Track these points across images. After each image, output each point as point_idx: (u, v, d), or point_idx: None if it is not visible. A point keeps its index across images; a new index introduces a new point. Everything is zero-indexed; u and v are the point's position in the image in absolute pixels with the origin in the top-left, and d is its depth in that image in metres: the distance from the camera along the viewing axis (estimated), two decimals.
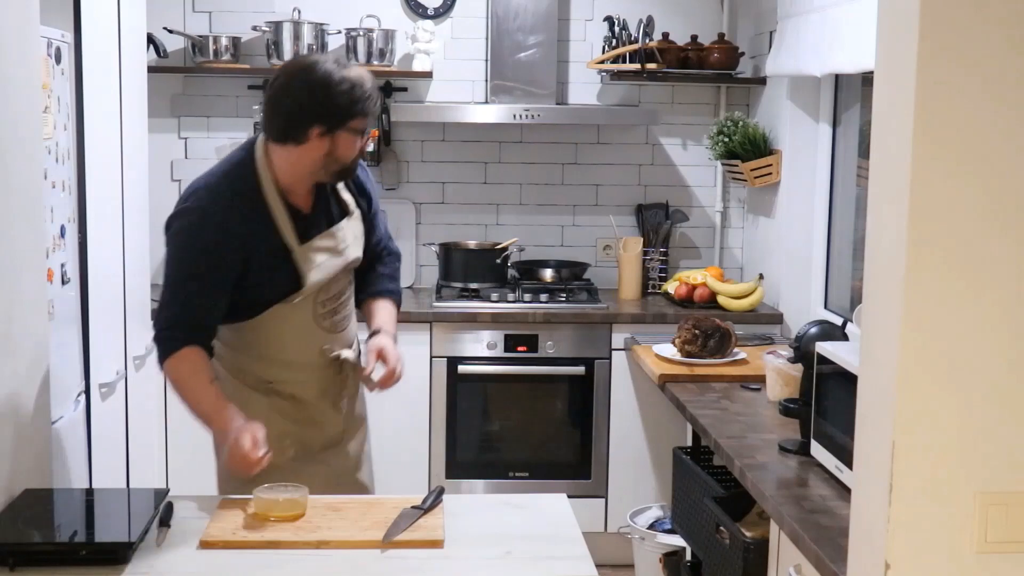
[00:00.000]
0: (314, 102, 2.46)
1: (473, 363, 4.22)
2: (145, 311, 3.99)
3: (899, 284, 1.58)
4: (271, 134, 2.54)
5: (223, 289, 2.53)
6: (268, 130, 2.54)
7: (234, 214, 2.51)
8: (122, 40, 3.55)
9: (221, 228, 2.49)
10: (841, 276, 4.15)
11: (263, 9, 4.57)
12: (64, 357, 3.02)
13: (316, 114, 2.46)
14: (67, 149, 3.07)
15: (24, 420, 2.30)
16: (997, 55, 1.55)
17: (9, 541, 2.01)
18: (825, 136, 4.22)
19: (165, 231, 2.57)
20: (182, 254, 2.53)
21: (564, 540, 2.17)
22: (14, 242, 2.28)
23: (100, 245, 3.30)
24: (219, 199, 2.51)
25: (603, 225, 4.80)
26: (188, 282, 2.51)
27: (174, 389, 2.54)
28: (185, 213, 2.53)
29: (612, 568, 4.14)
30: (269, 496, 2.21)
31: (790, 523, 2.22)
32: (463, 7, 4.67)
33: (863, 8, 3.32)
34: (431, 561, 2.06)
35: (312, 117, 2.46)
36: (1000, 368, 1.60)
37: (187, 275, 2.51)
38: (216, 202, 2.51)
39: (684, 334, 3.59)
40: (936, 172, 1.56)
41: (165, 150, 4.61)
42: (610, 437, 4.27)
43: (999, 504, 1.63)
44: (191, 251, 2.51)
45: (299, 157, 2.51)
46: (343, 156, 2.53)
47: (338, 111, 2.46)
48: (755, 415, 3.03)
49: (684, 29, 4.63)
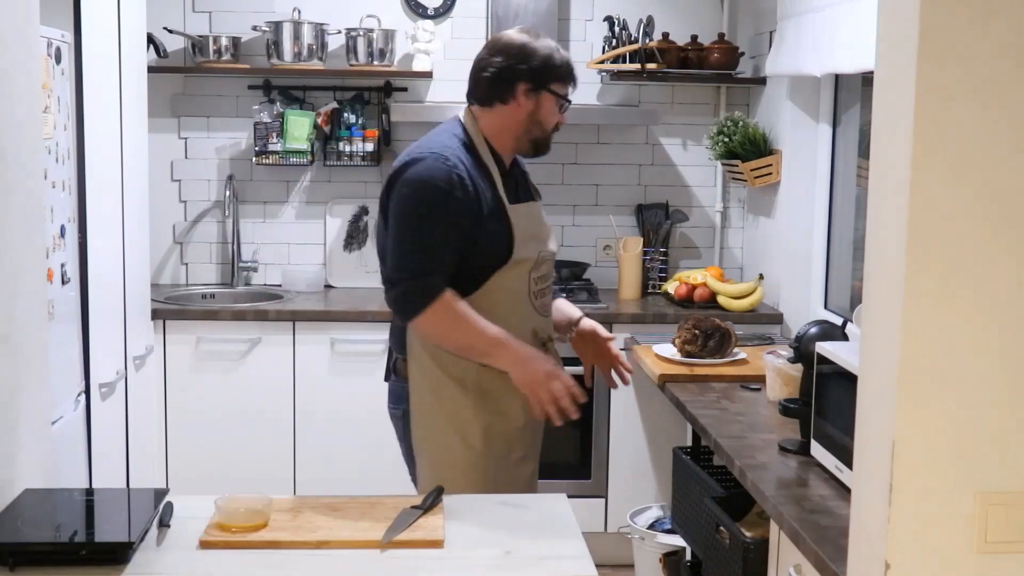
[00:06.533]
0: (521, 61, 2.66)
1: None
2: (145, 311, 3.99)
3: (899, 284, 1.58)
4: (478, 99, 2.71)
5: (462, 236, 2.58)
6: (475, 95, 2.72)
7: (464, 164, 2.61)
8: (122, 40, 3.56)
9: (458, 174, 2.58)
10: (841, 276, 4.15)
11: (263, 9, 4.58)
12: (64, 357, 3.02)
13: (523, 72, 2.66)
14: (67, 149, 3.07)
15: (24, 420, 2.30)
16: (997, 56, 1.55)
17: (9, 541, 2.01)
18: (825, 136, 4.22)
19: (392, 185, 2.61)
20: (425, 200, 2.56)
21: (564, 540, 2.17)
22: (14, 242, 2.28)
23: (100, 245, 3.31)
24: (450, 151, 2.61)
25: (603, 225, 4.80)
26: (434, 228, 2.56)
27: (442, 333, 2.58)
28: (421, 162, 2.59)
29: (612, 568, 4.14)
30: (230, 507, 2.16)
31: (790, 523, 2.22)
32: (463, 7, 4.67)
33: (863, 8, 3.32)
34: (431, 561, 2.06)
35: (519, 75, 2.66)
36: (1000, 368, 1.60)
37: (431, 221, 2.56)
38: (449, 152, 2.61)
39: (684, 334, 3.59)
40: (936, 173, 1.56)
41: (165, 150, 4.61)
42: (610, 437, 4.27)
43: (999, 504, 1.63)
44: (434, 196, 2.56)
45: (507, 117, 2.69)
46: (546, 120, 2.72)
47: (543, 69, 2.67)
48: (755, 415, 3.03)
49: (684, 29, 4.63)
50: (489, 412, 2.67)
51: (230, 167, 4.67)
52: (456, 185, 2.57)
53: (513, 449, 2.72)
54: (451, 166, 2.58)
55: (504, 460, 2.70)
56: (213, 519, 2.16)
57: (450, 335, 2.59)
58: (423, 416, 2.68)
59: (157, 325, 4.13)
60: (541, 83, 2.68)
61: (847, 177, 4.11)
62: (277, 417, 4.21)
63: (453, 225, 2.57)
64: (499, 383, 2.65)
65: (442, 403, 2.65)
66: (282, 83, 4.60)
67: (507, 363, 2.59)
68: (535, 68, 2.67)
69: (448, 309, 2.55)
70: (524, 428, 2.73)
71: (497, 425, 2.68)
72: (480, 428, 2.66)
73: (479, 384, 2.66)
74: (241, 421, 4.21)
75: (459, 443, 2.65)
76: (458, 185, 2.57)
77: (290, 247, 4.76)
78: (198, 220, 4.71)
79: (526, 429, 2.74)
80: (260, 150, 4.53)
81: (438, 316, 2.55)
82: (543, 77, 2.68)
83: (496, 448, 2.68)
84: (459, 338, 2.58)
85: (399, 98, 4.67)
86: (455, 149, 2.63)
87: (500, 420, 2.68)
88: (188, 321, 4.16)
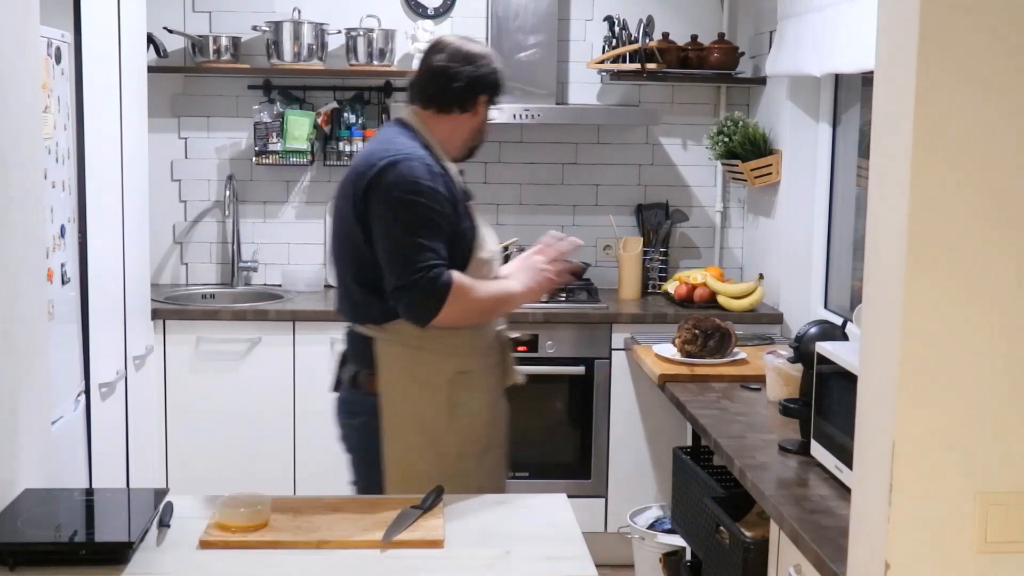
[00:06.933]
0: (489, 72, 2.76)
1: None
2: (145, 311, 3.99)
3: (899, 284, 1.58)
4: (437, 104, 2.75)
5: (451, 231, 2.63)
6: (434, 101, 2.75)
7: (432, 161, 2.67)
8: (122, 40, 3.56)
9: (438, 172, 2.64)
10: (841, 276, 4.15)
11: (263, 9, 4.57)
12: (64, 357, 3.02)
13: (488, 84, 2.77)
14: (67, 149, 3.07)
15: (24, 420, 2.30)
16: (997, 56, 1.55)
17: (9, 541, 2.01)
18: (825, 136, 4.22)
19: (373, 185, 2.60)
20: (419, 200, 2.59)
21: (564, 540, 2.17)
22: (14, 242, 2.28)
23: (100, 245, 3.31)
24: (418, 149, 2.66)
25: (603, 225, 4.80)
26: (431, 224, 2.59)
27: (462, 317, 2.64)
28: (400, 163, 2.61)
29: (612, 568, 4.14)
30: (230, 507, 2.16)
31: (790, 523, 2.22)
32: (463, 7, 4.67)
33: (863, 8, 3.32)
34: (431, 561, 2.06)
35: (486, 86, 2.76)
36: (1000, 368, 1.60)
37: (428, 219, 2.59)
38: (417, 150, 2.66)
39: (684, 334, 3.59)
40: (936, 172, 1.56)
41: (165, 150, 4.60)
42: (610, 437, 4.27)
43: (999, 504, 1.63)
44: (426, 194, 2.59)
45: (462, 124, 2.77)
46: (486, 128, 2.85)
47: (499, 82, 2.80)
48: (755, 415, 3.03)
49: (684, 29, 4.63)
50: (462, 419, 2.71)
51: (230, 167, 4.67)
52: (439, 183, 2.62)
53: (483, 447, 2.78)
54: (429, 165, 2.63)
55: (474, 459, 2.75)
56: (213, 519, 2.16)
57: (470, 314, 2.68)
58: (395, 428, 2.69)
59: (157, 325, 4.13)
60: (495, 94, 2.80)
61: (847, 177, 4.11)
62: (277, 417, 4.21)
63: (444, 218, 2.62)
64: (469, 388, 2.72)
65: (416, 415, 2.68)
66: (282, 83, 4.60)
67: (524, 299, 2.82)
68: (496, 81, 2.79)
69: (461, 293, 2.61)
70: (491, 423, 2.80)
71: (469, 430, 2.73)
72: (455, 437, 2.70)
73: (451, 394, 2.69)
74: (241, 421, 4.21)
75: (431, 452, 2.68)
76: (440, 183, 2.62)
77: (290, 247, 4.76)
78: (198, 220, 4.71)
79: (493, 424, 2.81)
80: (260, 150, 4.53)
81: (455, 304, 2.60)
82: (498, 89, 2.80)
83: (467, 452, 2.73)
84: (478, 311, 2.70)
85: (399, 98, 4.67)
86: (421, 150, 2.67)
87: (471, 424, 2.73)
88: (188, 321, 4.16)
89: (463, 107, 2.75)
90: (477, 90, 2.75)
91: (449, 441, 2.70)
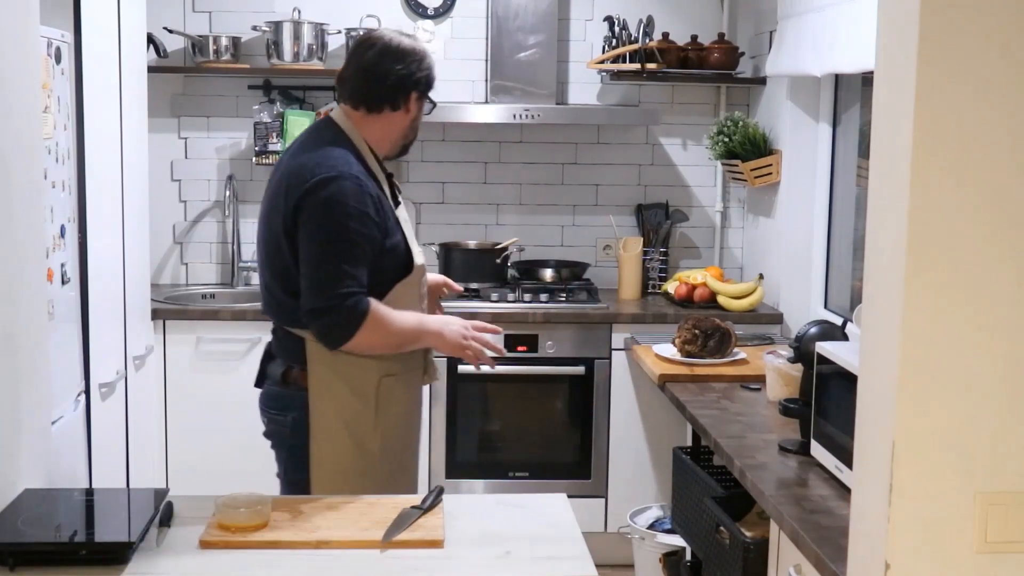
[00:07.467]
0: (419, 68, 2.69)
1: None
2: (145, 311, 3.99)
3: (899, 284, 1.58)
4: (367, 104, 2.68)
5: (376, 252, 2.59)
6: (364, 100, 2.68)
7: (363, 176, 2.60)
8: (122, 40, 3.56)
9: (368, 192, 2.58)
10: (841, 276, 4.15)
11: (263, 9, 4.57)
12: (64, 357, 3.02)
13: (420, 80, 2.69)
14: (67, 149, 3.07)
15: (24, 420, 2.30)
16: (997, 56, 1.55)
17: (9, 541, 2.01)
18: (825, 136, 4.22)
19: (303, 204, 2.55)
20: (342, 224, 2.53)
21: (564, 540, 2.17)
22: (14, 242, 2.28)
23: (100, 245, 3.31)
24: (351, 166, 2.59)
25: (603, 225, 4.80)
26: (353, 249, 2.54)
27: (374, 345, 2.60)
28: (332, 182, 2.55)
29: (612, 568, 4.14)
30: (230, 507, 2.16)
31: (790, 523, 2.22)
32: (463, 7, 4.67)
33: (863, 8, 3.32)
34: (431, 561, 2.06)
35: (417, 83, 2.69)
36: (1000, 368, 1.60)
37: (349, 244, 2.54)
38: (350, 165, 2.59)
39: (684, 334, 3.59)
40: (936, 172, 1.56)
41: (165, 150, 4.60)
42: (610, 437, 4.27)
43: (999, 504, 1.63)
44: (352, 218, 2.54)
45: (393, 123, 2.71)
46: (417, 124, 2.77)
47: (430, 76, 2.72)
48: (755, 415, 3.03)
49: (684, 29, 4.63)
50: (388, 417, 2.70)
51: (230, 167, 4.67)
52: (368, 204, 2.56)
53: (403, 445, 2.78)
54: (360, 184, 2.56)
55: (395, 457, 2.74)
56: (213, 519, 2.16)
57: (381, 344, 2.62)
58: (322, 426, 2.66)
59: (157, 325, 4.12)
60: (427, 89, 2.74)
61: (847, 177, 4.11)
62: None
63: (370, 243, 2.57)
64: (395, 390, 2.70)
65: (342, 412, 2.65)
66: (282, 83, 4.60)
67: (431, 341, 2.72)
68: (426, 76, 2.72)
69: (376, 323, 2.56)
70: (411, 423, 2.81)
71: (393, 430, 2.72)
72: (379, 435, 2.68)
73: (378, 394, 2.67)
74: (241, 421, 4.19)
75: (354, 450, 2.66)
76: (370, 204, 2.56)
77: None
78: (198, 220, 4.71)
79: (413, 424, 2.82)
80: (260, 150, 4.53)
81: (368, 332, 2.55)
82: (429, 83, 2.74)
83: (389, 450, 2.71)
84: (389, 344, 2.64)
85: None
86: (353, 163, 2.60)
87: (395, 424, 2.72)
88: (188, 321, 4.16)
89: (394, 106, 2.68)
90: (408, 88, 2.68)
91: (373, 440, 2.67)
